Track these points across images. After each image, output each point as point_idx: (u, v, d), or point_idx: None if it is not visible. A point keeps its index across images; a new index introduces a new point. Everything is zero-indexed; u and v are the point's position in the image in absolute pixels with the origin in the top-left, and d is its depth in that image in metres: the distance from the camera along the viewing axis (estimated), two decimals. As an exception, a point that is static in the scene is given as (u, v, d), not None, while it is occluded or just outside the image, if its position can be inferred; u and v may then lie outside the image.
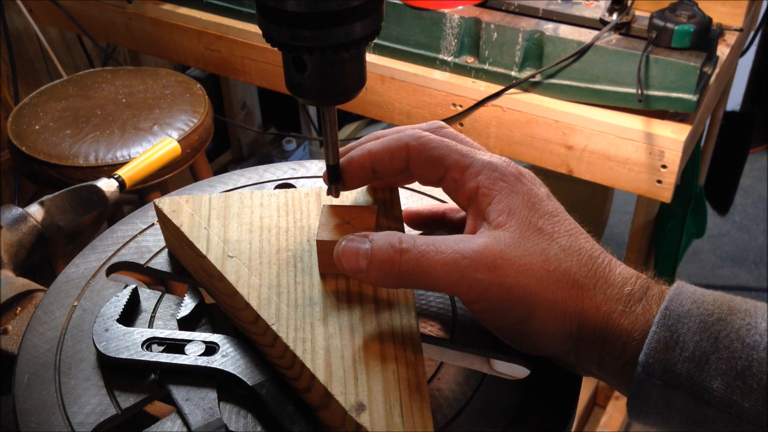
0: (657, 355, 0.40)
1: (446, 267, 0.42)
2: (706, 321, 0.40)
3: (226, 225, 0.54)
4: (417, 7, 1.28)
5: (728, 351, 0.39)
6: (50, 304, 0.55)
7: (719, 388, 0.39)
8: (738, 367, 0.39)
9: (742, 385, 0.38)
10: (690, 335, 0.40)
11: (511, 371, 0.50)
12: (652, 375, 0.40)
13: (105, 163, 1.34)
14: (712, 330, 0.40)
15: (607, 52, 1.15)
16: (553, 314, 0.42)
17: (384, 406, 0.41)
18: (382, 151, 0.49)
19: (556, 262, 0.43)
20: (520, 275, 0.42)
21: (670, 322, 0.41)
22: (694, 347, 0.40)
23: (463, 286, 0.42)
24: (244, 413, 0.46)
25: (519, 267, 0.42)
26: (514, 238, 0.43)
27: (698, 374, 0.39)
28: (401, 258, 0.43)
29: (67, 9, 1.70)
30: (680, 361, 0.40)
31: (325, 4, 0.40)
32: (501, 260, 0.42)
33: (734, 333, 0.40)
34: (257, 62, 1.50)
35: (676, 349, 0.40)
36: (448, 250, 0.42)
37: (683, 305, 0.41)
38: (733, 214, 2.40)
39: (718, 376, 0.39)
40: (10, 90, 1.83)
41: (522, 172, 0.46)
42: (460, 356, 0.52)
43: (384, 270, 0.43)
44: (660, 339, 0.40)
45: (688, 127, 1.13)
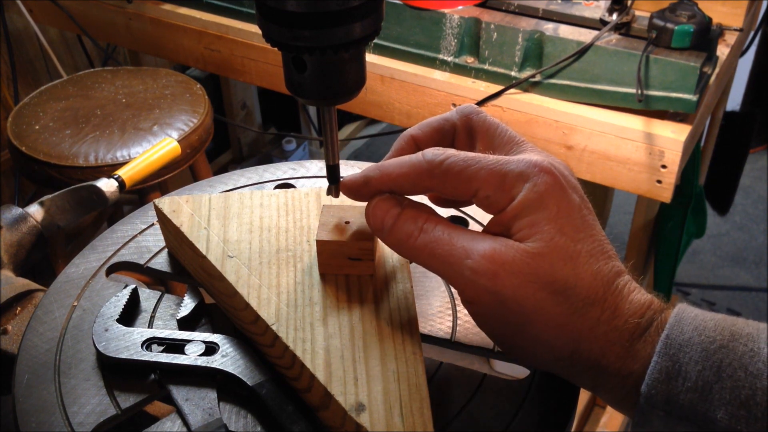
0: (659, 385, 0.40)
1: (451, 260, 0.42)
2: (707, 349, 0.40)
3: (226, 225, 0.54)
4: (417, 7, 1.28)
5: (731, 380, 0.39)
6: (50, 304, 0.55)
7: (723, 418, 0.38)
8: (742, 397, 0.38)
9: (746, 415, 0.38)
10: (692, 364, 0.39)
11: (511, 371, 0.50)
12: (654, 406, 0.40)
13: (105, 163, 1.34)
14: (715, 358, 0.39)
15: (607, 52, 1.15)
16: (545, 336, 0.42)
17: (384, 406, 0.41)
18: (401, 177, 0.45)
19: (563, 285, 0.41)
20: (518, 290, 0.41)
21: (671, 352, 0.40)
22: (697, 377, 0.39)
23: (462, 284, 0.42)
24: (244, 413, 0.46)
25: (520, 282, 0.41)
26: (527, 252, 0.41)
27: (702, 404, 0.39)
28: (418, 236, 0.44)
29: (67, 9, 1.70)
30: (683, 391, 0.39)
31: (325, 4, 0.40)
32: (503, 271, 0.41)
33: (737, 361, 0.39)
34: (257, 62, 1.50)
35: (679, 379, 0.39)
36: (458, 244, 0.42)
37: (684, 333, 0.40)
38: (733, 214, 2.40)
39: (722, 406, 0.38)
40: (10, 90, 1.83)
41: (562, 175, 0.43)
42: (460, 356, 0.52)
43: (400, 241, 0.45)
44: (662, 369, 0.40)
45: (688, 127, 1.13)
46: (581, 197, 0.44)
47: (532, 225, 0.42)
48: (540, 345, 0.42)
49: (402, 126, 1.38)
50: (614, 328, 0.41)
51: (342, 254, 0.49)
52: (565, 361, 0.43)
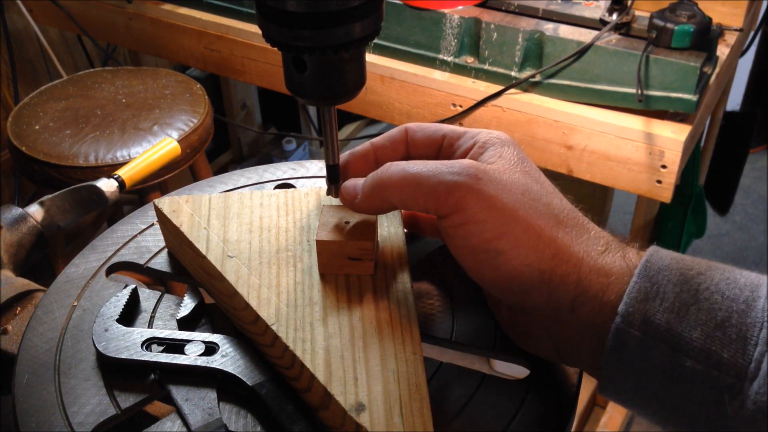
0: (637, 305, 0.40)
1: (429, 175, 0.44)
2: (686, 274, 0.40)
3: (226, 225, 0.54)
4: (417, 7, 1.28)
5: (708, 303, 0.39)
6: (50, 304, 0.55)
7: (698, 338, 0.38)
8: (717, 318, 0.38)
9: (721, 336, 0.38)
10: (670, 287, 0.40)
11: (511, 371, 0.50)
12: (631, 325, 0.40)
13: (105, 163, 1.34)
14: (693, 283, 0.40)
15: (607, 52, 1.15)
16: (528, 236, 0.42)
17: (384, 406, 0.41)
18: (383, 139, 0.51)
19: (536, 194, 0.44)
20: (500, 191, 0.43)
21: (651, 273, 0.41)
22: (675, 298, 0.39)
23: (443, 192, 0.43)
24: (244, 413, 0.46)
25: (500, 184, 0.43)
26: (498, 166, 0.45)
27: (677, 324, 0.39)
28: (389, 169, 0.45)
29: (67, 9, 1.70)
30: (660, 311, 0.39)
31: (325, 4, 0.40)
32: (483, 174, 0.43)
33: (714, 286, 0.40)
34: (257, 62, 1.50)
35: (657, 300, 0.40)
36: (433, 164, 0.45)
37: (663, 260, 0.41)
38: (733, 214, 2.39)
39: (697, 326, 0.39)
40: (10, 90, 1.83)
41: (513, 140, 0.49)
42: (460, 356, 0.52)
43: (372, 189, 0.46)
44: (641, 289, 0.40)
45: (688, 127, 1.13)
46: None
47: (500, 154, 0.46)
48: (523, 247, 0.42)
49: (402, 126, 1.38)
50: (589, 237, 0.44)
51: (342, 254, 0.49)
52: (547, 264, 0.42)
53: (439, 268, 0.56)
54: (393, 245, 0.52)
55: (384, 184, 0.46)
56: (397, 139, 0.51)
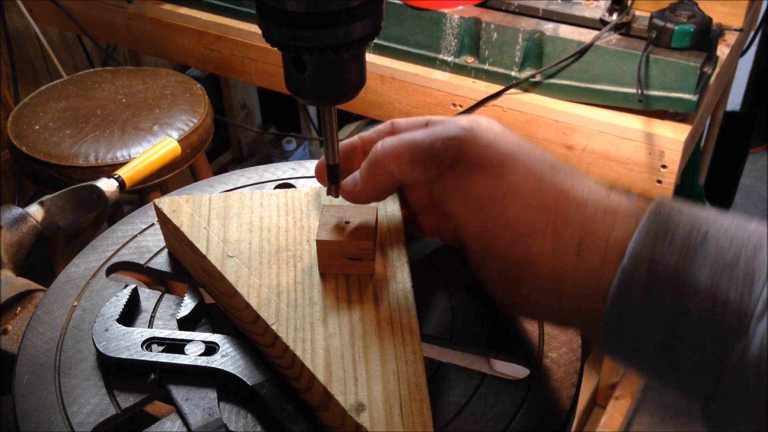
0: (646, 245, 0.40)
1: (424, 137, 0.45)
2: (695, 219, 0.40)
3: (226, 225, 0.54)
4: (417, 7, 1.28)
5: (716, 245, 0.39)
6: (50, 304, 0.55)
7: (705, 279, 0.38)
8: (725, 260, 0.38)
9: (728, 277, 0.38)
10: (680, 230, 0.40)
11: (511, 371, 0.50)
12: (638, 266, 0.39)
13: (105, 163, 1.34)
14: (702, 226, 0.40)
15: (607, 52, 1.15)
16: (528, 179, 0.43)
17: (384, 406, 0.41)
18: (371, 133, 0.52)
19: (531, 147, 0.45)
20: (495, 139, 0.44)
21: (661, 216, 0.40)
22: (683, 240, 0.39)
23: (440, 148, 0.44)
24: (244, 413, 0.46)
25: (495, 135, 0.44)
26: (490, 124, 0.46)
27: (684, 266, 0.39)
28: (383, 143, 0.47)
29: (67, 9, 1.70)
30: (668, 252, 0.39)
31: (325, 4, 0.40)
32: (477, 125, 0.45)
33: (723, 230, 0.39)
34: (257, 62, 1.50)
35: (666, 242, 0.39)
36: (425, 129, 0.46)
37: (673, 206, 0.41)
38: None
39: (704, 267, 0.38)
40: (10, 90, 1.83)
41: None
42: (460, 356, 0.52)
43: (371, 166, 0.47)
44: (650, 230, 0.40)
45: (688, 127, 1.13)
46: None
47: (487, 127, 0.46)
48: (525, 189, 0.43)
49: (402, 126, 1.38)
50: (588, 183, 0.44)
51: (342, 254, 0.49)
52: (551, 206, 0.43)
53: (439, 268, 0.56)
54: (393, 245, 0.52)
55: (380, 157, 0.47)
56: (383, 132, 0.51)
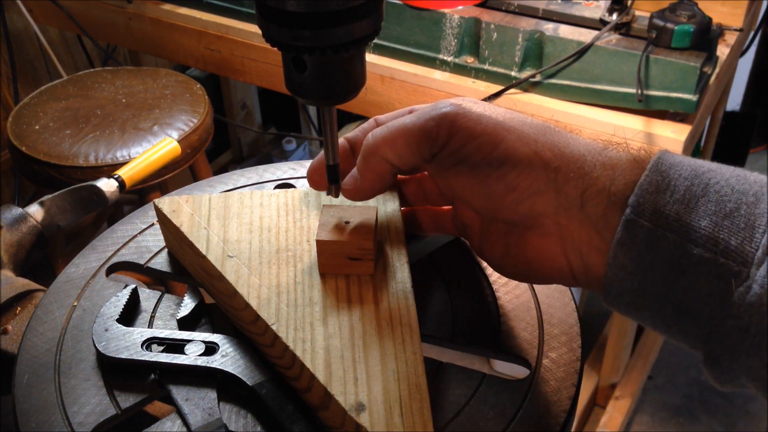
0: (648, 196, 0.40)
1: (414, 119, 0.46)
2: (697, 170, 0.41)
3: (226, 225, 0.54)
4: (417, 7, 1.28)
5: (717, 195, 0.39)
6: (50, 304, 0.55)
7: (707, 226, 0.39)
8: (726, 209, 0.39)
9: (729, 225, 0.38)
10: (681, 180, 0.40)
11: (511, 371, 0.50)
12: (641, 215, 0.40)
13: (105, 163, 1.34)
14: (703, 177, 0.40)
15: (607, 52, 1.15)
16: (524, 142, 0.44)
17: (384, 406, 0.41)
18: (355, 132, 0.53)
19: (522, 115, 0.47)
20: (485, 110, 0.46)
21: (662, 168, 0.41)
22: (685, 191, 0.40)
23: (433, 126, 0.45)
24: (244, 413, 0.46)
25: (483, 107, 0.46)
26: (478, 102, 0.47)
27: (686, 214, 0.39)
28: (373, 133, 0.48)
29: (67, 9, 1.70)
30: (670, 202, 0.40)
31: (325, 4, 0.40)
32: (464, 101, 0.46)
33: (724, 180, 0.40)
34: (257, 62, 1.50)
35: (667, 192, 0.40)
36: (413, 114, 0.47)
37: (675, 157, 0.42)
38: (733, 214, 2.39)
39: (706, 216, 0.39)
40: (10, 90, 1.83)
41: None
42: (460, 356, 0.52)
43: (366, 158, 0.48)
44: (651, 182, 0.41)
45: (688, 127, 1.13)
46: None
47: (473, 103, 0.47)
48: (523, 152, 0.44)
49: (402, 126, 1.38)
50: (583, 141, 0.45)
51: (342, 254, 0.49)
52: (551, 165, 0.44)
53: (439, 268, 0.56)
54: (393, 245, 0.52)
55: (374, 146, 0.47)
56: (368, 129, 0.52)
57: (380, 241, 0.52)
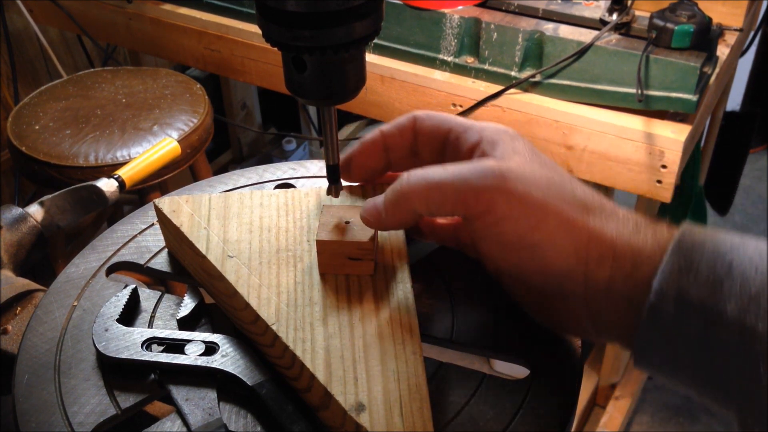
0: (671, 280, 0.40)
1: (453, 179, 0.44)
2: (719, 249, 0.41)
3: (226, 225, 0.54)
4: (417, 7, 1.28)
5: (741, 276, 0.39)
6: (50, 304, 0.55)
7: (732, 310, 0.39)
8: (751, 291, 0.39)
9: (755, 308, 0.38)
10: (704, 262, 0.40)
11: (511, 371, 0.50)
12: (665, 300, 0.40)
13: (105, 163, 1.34)
14: (725, 257, 0.40)
15: (607, 52, 1.15)
16: (561, 224, 0.43)
17: (384, 406, 0.41)
18: (392, 127, 0.52)
19: (560, 183, 0.45)
20: (527, 185, 0.44)
21: (684, 250, 0.41)
22: (708, 273, 0.40)
23: (471, 196, 0.44)
24: (244, 413, 0.46)
25: (525, 179, 0.44)
26: (519, 162, 0.45)
27: (711, 298, 0.39)
28: (409, 179, 0.45)
29: (67, 9, 1.70)
30: (694, 285, 0.40)
31: (325, 4, 0.40)
32: (508, 172, 0.44)
33: (747, 260, 0.40)
34: (257, 62, 1.50)
35: (690, 275, 0.40)
36: (453, 167, 0.45)
37: (696, 236, 0.42)
38: (733, 214, 2.39)
39: (731, 299, 0.39)
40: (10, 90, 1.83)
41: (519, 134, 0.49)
42: (460, 356, 0.52)
43: (396, 201, 0.46)
44: (674, 265, 0.40)
45: (688, 127, 1.13)
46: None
47: (513, 150, 0.46)
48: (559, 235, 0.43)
49: (402, 126, 1.38)
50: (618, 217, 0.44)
51: (342, 254, 0.49)
52: (583, 250, 0.43)
53: (439, 268, 0.56)
54: (393, 245, 0.52)
55: (407, 194, 0.46)
56: (405, 126, 0.51)
57: (380, 241, 0.52)
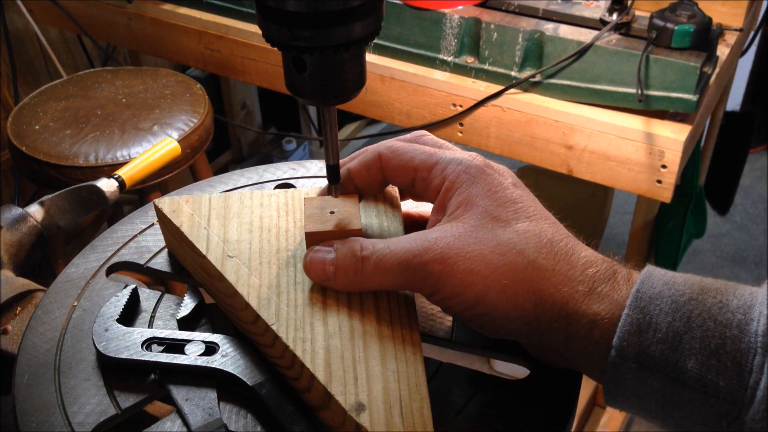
0: (630, 338, 0.40)
1: (401, 266, 0.44)
2: (677, 301, 0.40)
3: (226, 225, 0.54)
4: (417, 7, 1.28)
5: (701, 330, 0.39)
6: (50, 304, 0.55)
7: (694, 367, 0.39)
8: (711, 346, 0.39)
9: (716, 364, 0.38)
10: (663, 316, 0.40)
11: (511, 371, 0.50)
12: (626, 358, 0.40)
13: (105, 163, 1.34)
14: (684, 310, 0.40)
15: (607, 52, 1.15)
16: (505, 296, 0.43)
17: (384, 406, 0.41)
18: (359, 167, 0.51)
19: (508, 246, 0.43)
20: (468, 262, 0.43)
21: (642, 304, 0.41)
22: (667, 328, 0.40)
23: (418, 281, 0.44)
24: (244, 413, 0.46)
25: (467, 255, 0.43)
26: (466, 228, 0.44)
27: (672, 355, 0.39)
28: (362, 265, 0.45)
29: (67, 9, 1.70)
30: (654, 342, 0.40)
31: (325, 4, 0.40)
32: (449, 251, 0.43)
33: (706, 312, 0.40)
34: (257, 62, 1.50)
35: (650, 331, 0.40)
36: (401, 251, 0.44)
37: (654, 287, 0.41)
38: (733, 214, 2.40)
39: (692, 355, 0.39)
40: (10, 90, 1.83)
41: (488, 164, 0.47)
42: (460, 356, 0.52)
43: (348, 277, 0.46)
44: (633, 321, 0.40)
45: (688, 127, 1.13)
46: (514, 180, 0.48)
47: (467, 202, 0.45)
48: (502, 307, 0.43)
49: (402, 126, 1.38)
50: (573, 276, 0.43)
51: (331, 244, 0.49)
52: (531, 316, 0.43)
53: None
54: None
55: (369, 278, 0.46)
56: (371, 165, 0.50)
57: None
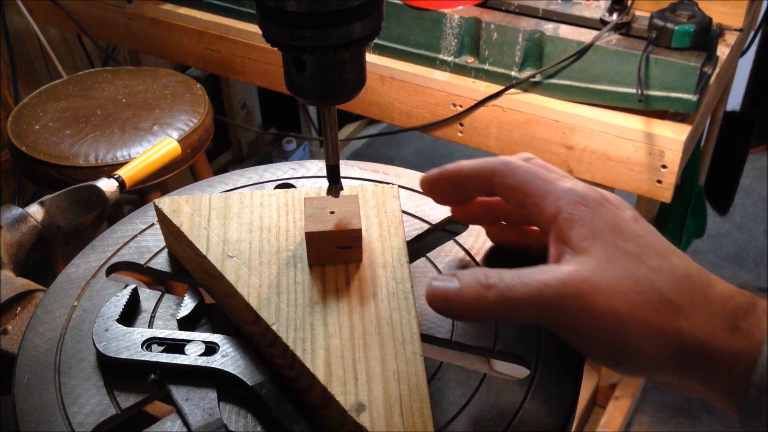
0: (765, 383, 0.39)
1: (533, 299, 0.42)
2: None
3: (226, 225, 0.54)
4: (417, 7, 1.28)
5: None
6: (50, 304, 0.55)
7: None
8: None
9: None
10: None
11: (511, 371, 0.50)
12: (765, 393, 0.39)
13: (105, 163, 1.34)
14: None
15: (607, 52, 1.15)
16: (648, 337, 0.41)
17: (384, 406, 0.41)
18: (471, 169, 0.50)
19: (646, 283, 0.41)
20: (608, 300, 0.41)
21: None
22: None
23: (551, 316, 0.42)
24: (244, 413, 0.46)
25: (606, 292, 0.41)
26: (599, 262, 0.42)
27: None
28: (488, 293, 0.42)
29: (67, 9, 1.70)
30: None
31: (325, 4, 0.40)
32: (587, 286, 0.41)
33: None
34: (257, 62, 1.50)
35: None
36: (533, 282, 0.42)
37: None
38: (733, 214, 2.39)
39: None
40: (10, 90, 1.83)
41: (606, 196, 0.45)
42: (460, 356, 0.52)
43: (472, 306, 0.43)
44: None
45: (688, 127, 1.13)
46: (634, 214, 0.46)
47: (593, 235, 0.43)
48: (646, 348, 0.41)
49: (402, 126, 1.38)
50: (714, 312, 0.41)
51: (331, 244, 0.49)
52: (674, 359, 0.41)
53: (438, 267, 0.56)
54: (393, 245, 0.52)
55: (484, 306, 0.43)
56: (483, 175, 0.49)
57: (380, 241, 0.52)
